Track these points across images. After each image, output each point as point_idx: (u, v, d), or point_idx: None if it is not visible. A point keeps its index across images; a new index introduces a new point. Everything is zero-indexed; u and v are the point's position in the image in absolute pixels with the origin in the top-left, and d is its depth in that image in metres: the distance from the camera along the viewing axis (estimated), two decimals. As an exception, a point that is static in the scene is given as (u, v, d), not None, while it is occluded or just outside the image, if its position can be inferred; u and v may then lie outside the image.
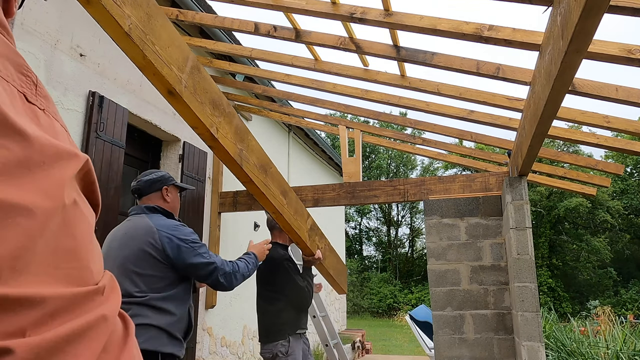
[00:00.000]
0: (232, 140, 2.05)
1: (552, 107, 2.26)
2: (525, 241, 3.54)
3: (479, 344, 3.80)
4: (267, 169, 2.42)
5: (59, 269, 0.50)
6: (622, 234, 24.08)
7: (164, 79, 1.62)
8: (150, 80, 1.64)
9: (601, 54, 2.26)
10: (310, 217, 3.11)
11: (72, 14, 3.49)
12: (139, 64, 1.57)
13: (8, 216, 0.46)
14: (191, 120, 1.84)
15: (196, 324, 4.67)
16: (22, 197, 0.48)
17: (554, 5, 1.95)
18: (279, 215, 2.59)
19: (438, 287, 4.00)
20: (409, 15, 2.78)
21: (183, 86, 1.72)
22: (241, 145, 2.14)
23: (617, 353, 5.22)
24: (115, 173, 3.69)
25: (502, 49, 2.81)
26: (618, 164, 4.85)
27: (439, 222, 4.14)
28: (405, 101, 4.20)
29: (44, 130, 0.53)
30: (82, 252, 0.54)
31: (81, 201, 0.57)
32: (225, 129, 2.00)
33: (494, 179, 4.30)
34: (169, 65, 1.64)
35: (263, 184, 2.34)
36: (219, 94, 1.97)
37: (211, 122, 1.89)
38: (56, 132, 0.55)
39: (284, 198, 2.60)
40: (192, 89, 1.77)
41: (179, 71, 1.70)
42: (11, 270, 0.45)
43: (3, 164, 0.46)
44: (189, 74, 1.76)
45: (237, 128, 2.11)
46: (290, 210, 2.70)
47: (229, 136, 2.03)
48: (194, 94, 1.78)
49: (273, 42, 30.40)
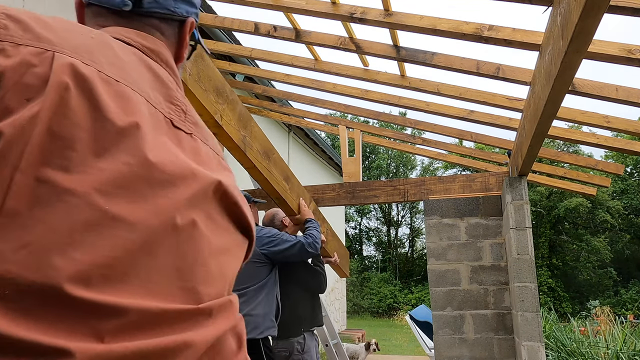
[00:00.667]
0: (236, 127, 2.08)
1: (552, 107, 2.26)
2: (525, 241, 3.54)
3: (479, 344, 3.80)
4: (270, 155, 2.44)
5: (156, 284, 0.51)
6: (622, 234, 24.08)
7: None
8: None
9: (601, 54, 2.26)
10: (312, 202, 3.16)
11: (72, 14, 3.48)
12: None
13: (109, 227, 0.49)
14: (195, 108, 1.86)
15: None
16: (129, 212, 0.50)
17: (554, 5, 1.95)
18: (282, 200, 2.62)
19: (438, 287, 4.00)
20: (409, 15, 2.78)
21: (187, 74, 1.73)
22: (244, 132, 2.16)
23: (617, 353, 5.23)
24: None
25: (502, 49, 2.82)
26: (618, 164, 4.85)
27: (439, 222, 4.14)
28: (405, 101, 4.20)
29: (185, 152, 0.58)
30: (189, 272, 0.55)
31: (207, 223, 0.58)
32: (229, 116, 2.02)
33: (494, 179, 4.30)
34: None
35: (266, 170, 2.37)
36: (222, 81, 1.98)
37: (215, 110, 1.91)
38: (199, 154, 0.60)
39: (286, 184, 2.64)
40: (196, 77, 1.79)
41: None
42: (102, 277, 0.47)
43: (121, 179, 0.50)
44: (193, 61, 1.77)
45: (241, 115, 2.13)
46: (292, 195, 2.74)
47: (233, 123, 2.05)
48: (198, 81, 1.80)
49: (273, 42, 30.36)
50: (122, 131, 0.51)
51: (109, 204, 0.49)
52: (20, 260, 0.43)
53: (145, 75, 0.60)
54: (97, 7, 0.70)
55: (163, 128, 0.57)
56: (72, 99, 0.49)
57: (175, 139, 0.58)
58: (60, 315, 0.44)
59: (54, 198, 0.46)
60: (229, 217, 0.63)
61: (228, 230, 0.63)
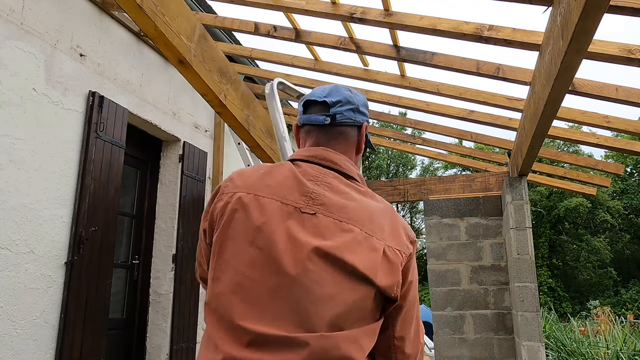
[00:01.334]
0: (239, 107, 2.13)
1: (552, 107, 2.26)
2: (525, 241, 3.54)
3: (479, 344, 3.80)
4: (273, 134, 2.48)
5: (279, 318, 0.87)
6: (622, 234, 24.09)
7: (175, 49, 1.68)
8: (162, 50, 1.70)
9: (601, 54, 2.26)
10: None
11: (72, 14, 3.49)
12: (151, 34, 1.63)
13: (250, 283, 0.90)
14: (201, 88, 1.89)
15: (196, 324, 4.67)
16: (259, 275, 0.89)
17: (554, 5, 1.95)
18: None
19: (438, 287, 4.00)
20: (409, 15, 2.78)
21: (192, 55, 1.77)
22: (248, 111, 2.22)
23: (617, 353, 5.22)
24: (115, 173, 3.69)
25: (502, 49, 2.83)
26: (618, 164, 4.85)
27: (439, 222, 4.14)
28: (405, 101, 4.20)
29: (306, 228, 0.92)
30: (300, 310, 0.89)
31: (308, 274, 0.89)
32: (233, 96, 2.07)
33: (494, 179, 4.30)
34: (179, 36, 1.69)
35: (270, 148, 2.41)
36: (226, 61, 2.02)
37: (219, 89, 1.95)
38: (317, 227, 0.92)
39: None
40: (201, 58, 1.83)
41: (188, 40, 1.75)
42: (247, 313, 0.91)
43: (256, 256, 0.90)
44: (197, 42, 1.81)
45: (244, 95, 2.18)
46: None
47: (236, 102, 2.10)
48: (203, 62, 1.84)
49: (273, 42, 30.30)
50: (258, 228, 0.91)
51: (250, 271, 0.89)
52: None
53: (289, 182, 0.97)
54: (308, 125, 1.11)
55: (292, 215, 0.93)
56: (237, 214, 0.95)
57: (300, 220, 0.92)
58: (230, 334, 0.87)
59: (223, 265, 0.92)
60: (333, 269, 0.88)
61: (334, 279, 0.88)
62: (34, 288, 3.00)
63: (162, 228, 4.53)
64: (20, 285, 2.91)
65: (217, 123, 5.45)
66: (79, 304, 3.25)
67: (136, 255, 4.37)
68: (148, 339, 4.32)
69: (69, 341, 3.14)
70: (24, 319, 2.92)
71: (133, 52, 4.14)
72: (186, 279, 4.53)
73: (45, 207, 3.12)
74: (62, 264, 3.21)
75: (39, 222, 3.07)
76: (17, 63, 3.00)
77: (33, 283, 3.00)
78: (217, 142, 5.39)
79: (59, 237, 3.21)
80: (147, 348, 4.30)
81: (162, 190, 4.63)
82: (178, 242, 4.48)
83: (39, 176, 3.10)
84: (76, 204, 3.34)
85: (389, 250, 0.93)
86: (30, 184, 3.03)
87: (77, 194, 3.36)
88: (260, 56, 4.16)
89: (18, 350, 2.86)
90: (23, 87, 3.03)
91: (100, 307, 3.43)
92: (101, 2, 3.76)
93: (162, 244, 4.50)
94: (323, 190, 0.97)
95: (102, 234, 3.51)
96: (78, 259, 3.28)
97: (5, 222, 2.85)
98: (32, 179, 3.04)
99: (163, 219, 4.55)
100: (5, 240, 2.84)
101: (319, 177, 1.00)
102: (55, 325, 3.13)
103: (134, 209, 4.45)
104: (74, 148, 3.39)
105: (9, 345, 2.82)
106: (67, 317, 3.16)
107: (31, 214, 3.02)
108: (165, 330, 4.30)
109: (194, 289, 4.66)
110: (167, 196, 4.60)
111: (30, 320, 2.96)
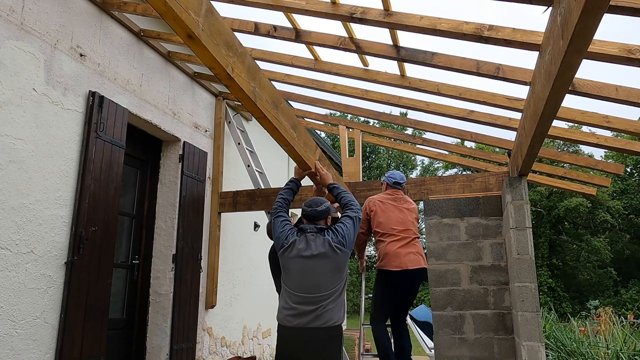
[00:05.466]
0: (246, 79, 2.17)
1: (552, 107, 2.26)
2: (525, 241, 3.54)
3: (479, 344, 3.80)
4: (278, 105, 2.52)
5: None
6: (622, 234, 24.08)
7: (184, 23, 1.69)
8: (171, 25, 1.71)
9: (601, 54, 2.26)
10: (318, 149, 3.26)
11: (72, 14, 3.49)
12: (160, 10, 1.64)
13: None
14: (209, 62, 1.93)
15: (196, 324, 4.67)
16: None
17: (554, 5, 1.94)
18: (290, 147, 2.71)
19: (438, 287, 4.00)
20: (409, 15, 2.78)
21: (200, 29, 1.79)
22: (254, 83, 2.25)
23: (617, 353, 5.22)
24: (115, 173, 3.69)
25: (502, 49, 2.83)
26: (618, 164, 4.85)
27: (439, 222, 4.14)
28: (405, 101, 4.20)
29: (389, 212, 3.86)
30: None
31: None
32: (239, 68, 2.10)
33: (494, 179, 4.30)
34: (187, 11, 1.71)
35: (275, 119, 2.46)
36: (232, 34, 2.06)
37: (227, 62, 1.98)
38: (386, 213, 3.81)
39: (294, 132, 2.75)
40: (209, 32, 1.85)
41: (196, 15, 1.78)
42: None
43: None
44: (205, 17, 1.84)
45: (249, 67, 2.22)
46: (300, 142, 2.83)
47: (243, 75, 2.14)
48: (210, 36, 1.86)
49: (273, 42, 30.35)
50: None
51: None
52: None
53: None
54: (386, 184, 3.82)
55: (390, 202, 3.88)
56: (377, 208, 3.81)
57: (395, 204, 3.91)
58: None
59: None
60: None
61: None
62: (34, 288, 3.00)
63: (162, 228, 4.53)
64: (20, 285, 2.91)
65: (217, 123, 5.45)
66: (79, 304, 3.25)
67: (136, 255, 4.37)
68: (148, 339, 4.32)
69: (69, 341, 3.14)
70: (24, 319, 2.92)
71: (133, 52, 4.14)
72: (186, 279, 4.53)
73: (45, 207, 3.12)
74: (62, 264, 3.21)
75: (39, 222, 3.07)
76: (17, 63, 3.00)
77: (33, 283, 3.00)
78: (217, 142, 5.38)
79: (59, 237, 3.21)
80: (147, 348, 4.30)
81: (162, 190, 4.63)
82: (178, 242, 4.47)
83: (39, 176, 3.10)
84: (76, 204, 3.34)
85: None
86: (30, 184, 3.03)
87: (77, 194, 3.36)
88: (260, 56, 4.16)
89: (18, 350, 2.86)
90: (23, 87, 3.03)
91: (100, 307, 3.43)
92: (101, 2, 3.76)
93: (162, 244, 4.50)
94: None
95: (102, 234, 3.51)
96: (78, 259, 3.28)
97: (5, 222, 2.85)
98: (32, 179, 3.04)
99: (163, 219, 4.55)
100: (5, 240, 2.84)
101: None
102: (55, 325, 3.13)
103: (134, 209, 4.45)
104: (73, 148, 3.39)
105: (9, 345, 2.82)
106: (67, 317, 3.16)
107: (31, 214, 3.02)
108: (165, 330, 4.30)
109: (194, 289, 4.66)
110: (167, 196, 4.60)
111: (30, 320, 2.96)
